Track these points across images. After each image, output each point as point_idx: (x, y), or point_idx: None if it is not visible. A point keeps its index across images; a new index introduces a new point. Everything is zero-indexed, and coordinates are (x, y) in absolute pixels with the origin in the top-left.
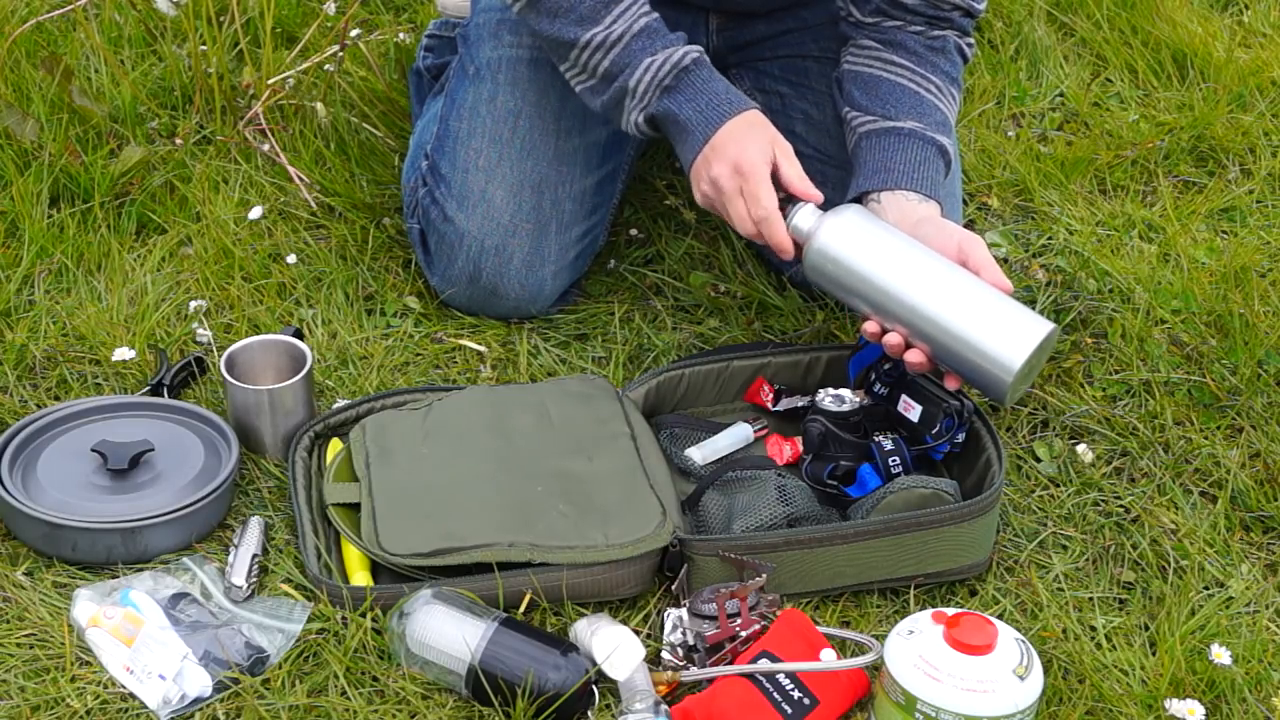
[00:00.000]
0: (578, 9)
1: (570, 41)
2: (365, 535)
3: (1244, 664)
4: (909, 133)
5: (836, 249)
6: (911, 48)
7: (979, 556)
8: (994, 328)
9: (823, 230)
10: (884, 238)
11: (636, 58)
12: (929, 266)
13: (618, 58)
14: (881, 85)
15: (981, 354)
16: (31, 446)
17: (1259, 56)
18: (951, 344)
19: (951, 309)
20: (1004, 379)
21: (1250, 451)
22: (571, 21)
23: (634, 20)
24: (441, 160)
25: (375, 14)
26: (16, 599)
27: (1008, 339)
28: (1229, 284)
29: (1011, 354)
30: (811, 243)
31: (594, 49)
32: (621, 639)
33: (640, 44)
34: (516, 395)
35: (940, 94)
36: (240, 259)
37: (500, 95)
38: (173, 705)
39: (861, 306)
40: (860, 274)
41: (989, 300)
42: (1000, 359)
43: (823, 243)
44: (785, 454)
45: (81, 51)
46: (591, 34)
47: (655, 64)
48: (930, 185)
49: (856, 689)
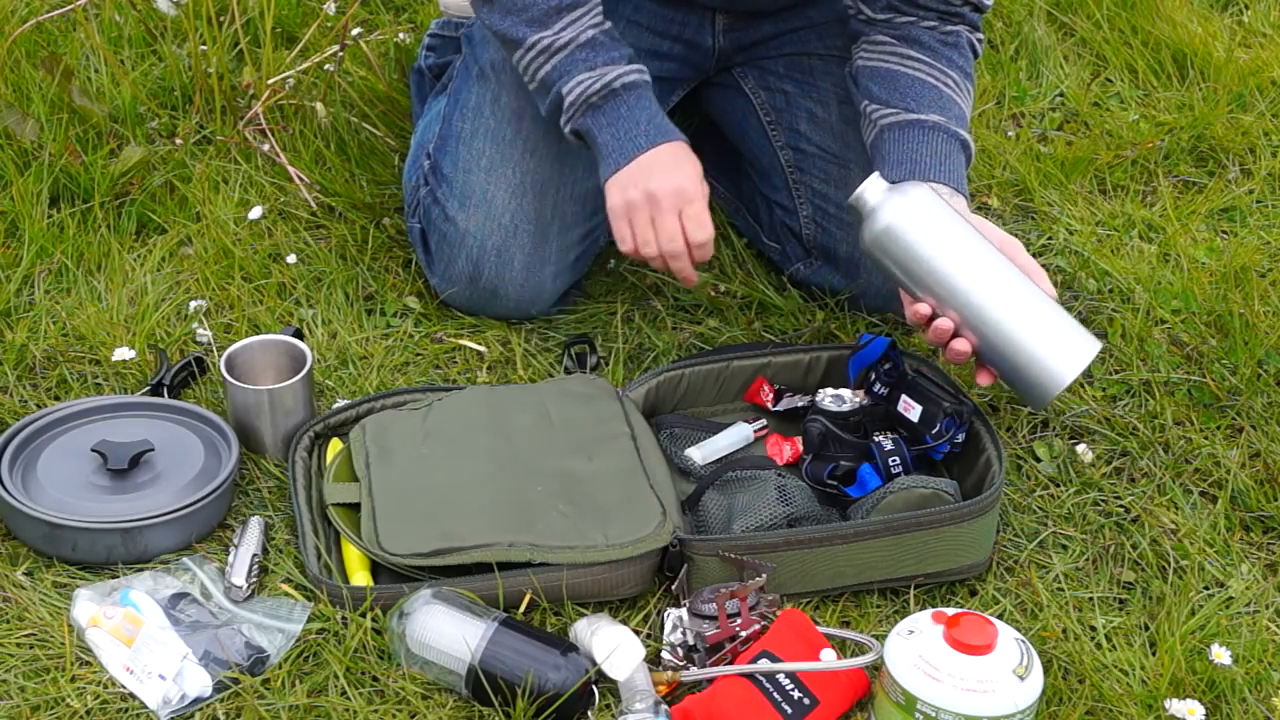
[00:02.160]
0: (530, 10)
1: (518, 41)
2: (365, 535)
3: (1244, 664)
4: (933, 125)
5: (907, 228)
6: (926, 43)
7: (979, 556)
8: (1053, 340)
9: (892, 207)
10: (955, 223)
11: (575, 69)
12: (997, 263)
13: (558, 64)
14: (900, 79)
15: (1036, 363)
16: (31, 446)
17: (1259, 56)
18: (1007, 346)
19: (1016, 312)
20: (1052, 390)
21: (1250, 451)
22: (523, 21)
23: (582, 30)
24: (444, 160)
25: (375, 14)
26: (16, 599)
27: (1064, 353)
28: (1229, 284)
29: (1065, 368)
30: (877, 218)
31: (538, 52)
32: (621, 639)
33: (583, 55)
34: (516, 395)
35: (958, 89)
36: (240, 259)
37: (504, 95)
38: (173, 705)
39: (917, 289)
40: (928, 257)
41: (1050, 311)
42: (1054, 371)
43: (891, 220)
44: (785, 454)
45: (81, 51)
46: (539, 37)
47: (588, 80)
48: (957, 179)
49: (856, 689)
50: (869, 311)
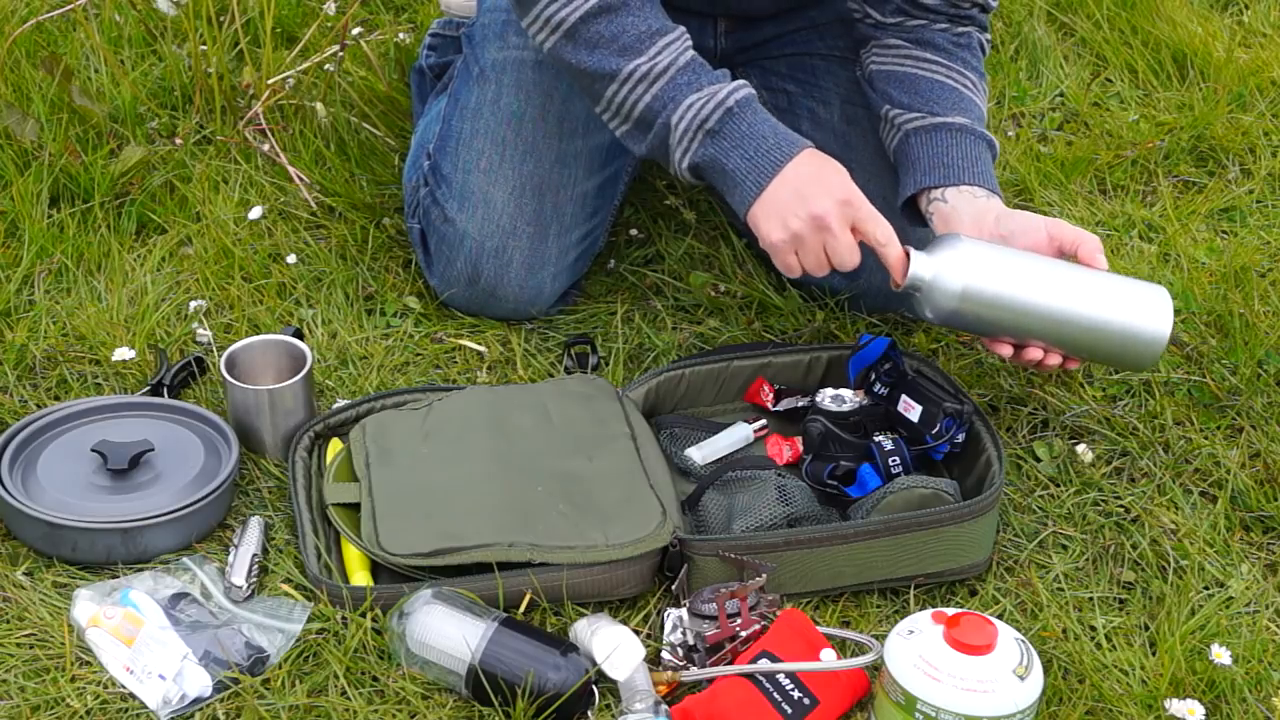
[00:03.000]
0: (620, 38)
1: (611, 74)
2: (365, 535)
3: (1244, 664)
4: (960, 128)
5: (977, 288)
6: (940, 45)
7: (979, 556)
8: (1136, 311)
9: (957, 273)
10: (1011, 261)
11: (681, 93)
12: (1058, 280)
13: (660, 91)
14: (920, 83)
15: (1134, 337)
16: (31, 446)
17: (1259, 56)
18: (1100, 340)
19: (1097, 310)
20: (1157, 350)
21: (1250, 451)
22: (613, 52)
23: (679, 53)
24: (443, 160)
25: (375, 14)
26: (16, 599)
27: (1151, 315)
28: (1229, 284)
29: (1160, 326)
30: (946, 288)
31: (636, 81)
32: (621, 639)
33: (685, 78)
34: (516, 395)
35: (975, 89)
36: (240, 259)
37: (504, 97)
38: (173, 705)
39: (997, 333)
40: (1001, 305)
41: (1119, 288)
42: (1155, 335)
43: (960, 284)
44: (785, 454)
45: (81, 51)
46: (635, 65)
47: (698, 102)
48: (989, 180)
49: (856, 689)
50: (869, 311)
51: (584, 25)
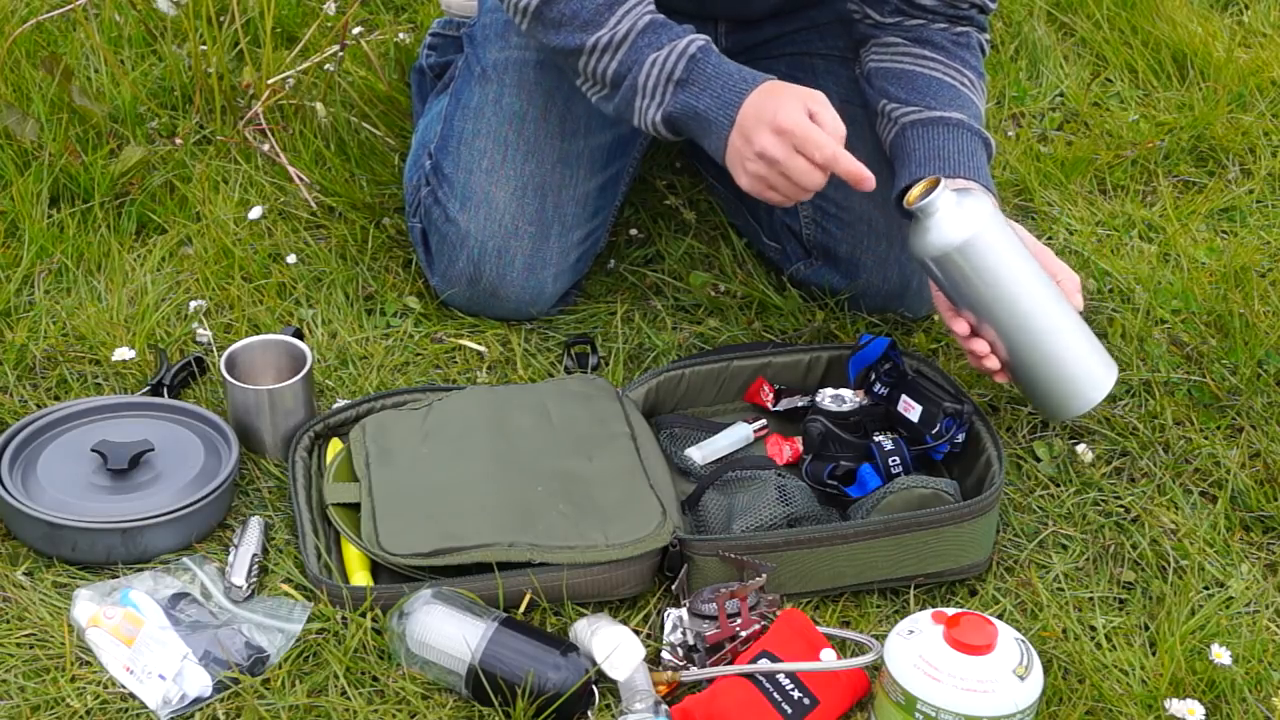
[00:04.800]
0: (580, 15)
1: (577, 48)
2: (365, 535)
3: (1244, 664)
4: (957, 123)
5: (979, 248)
6: (939, 43)
7: (979, 556)
8: (1089, 363)
9: (967, 222)
10: (1016, 247)
11: (643, 54)
12: (1044, 292)
13: (625, 57)
14: (918, 79)
15: (1072, 380)
16: (31, 446)
17: (1259, 56)
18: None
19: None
20: (1075, 411)
21: (1250, 451)
22: (576, 28)
23: (638, 18)
24: (445, 160)
25: (375, 14)
26: (16, 599)
27: (1090, 381)
28: (1229, 284)
29: (1089, 395)
30: (948, 230)
31: (600, 51)
32: (621, 639)
33: (646, 39)
34: (517, 395)
35: (973, 87)
36: (240, 259)
37: (506, 97)
38: (173, 705)
39: (961, 303)
40: (991, 282)
41: (1087, 335)
42: (1081, 396)
43: (968, 237)
44: (785, 454)
45: (81, 51)
46: (596, 37)
47: (661, 58)
48: (984, 176)
49: (856, 689)
50: (869, 311)
51: (546, 7)
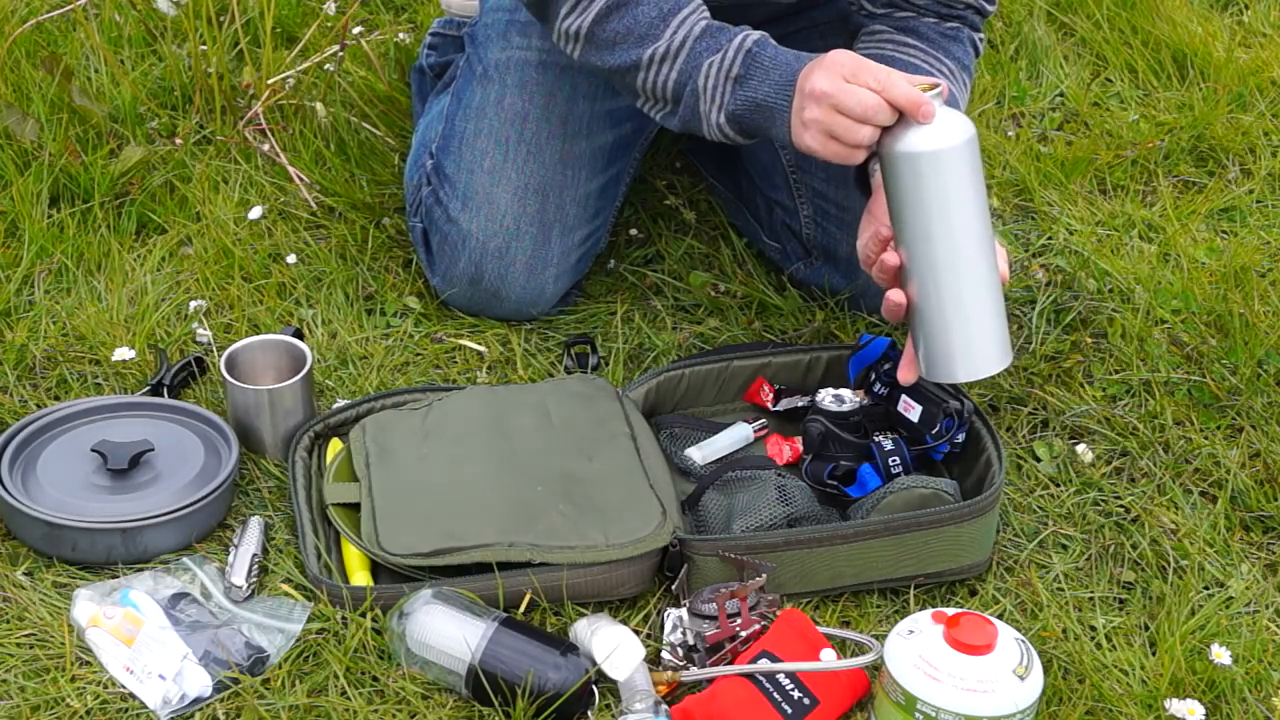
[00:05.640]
0: (635, 29)
1: (634, 64)
2: (365, 535)
3: (1244, 664)
4: None
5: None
6: (924, 34)
7: (979, 556)
8: (987, 337)
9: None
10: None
11: (700, 59)
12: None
13: (684, 64)
14: (894, 65)
15: (964, 345)
16: (31, 446)
17: (1259, 56)
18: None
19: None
20: (956, 374)
21: (1250, 451)
22: (631, 44)
23: (693, 25)
24: (446, 160)
25: (375, 14)
26: (16, 599)
27: (986, 352)
28: (1229, 284)
29: (979, 364)
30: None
31: (659, 63)
32: (621, 639)
33: (703, 44)
34: (517, 395)
35: (950, 76)
36: (240, 259)
37: (508, 97)
38: (173, 705)
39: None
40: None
41: (999, 310)
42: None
43: (938, 147)
44: (785, 454)
45: (81, 51)
46: (653, 50)
47: (718, 60)
48: None
49: (856, 689)
50: (869, 311)
51: (599, 28)
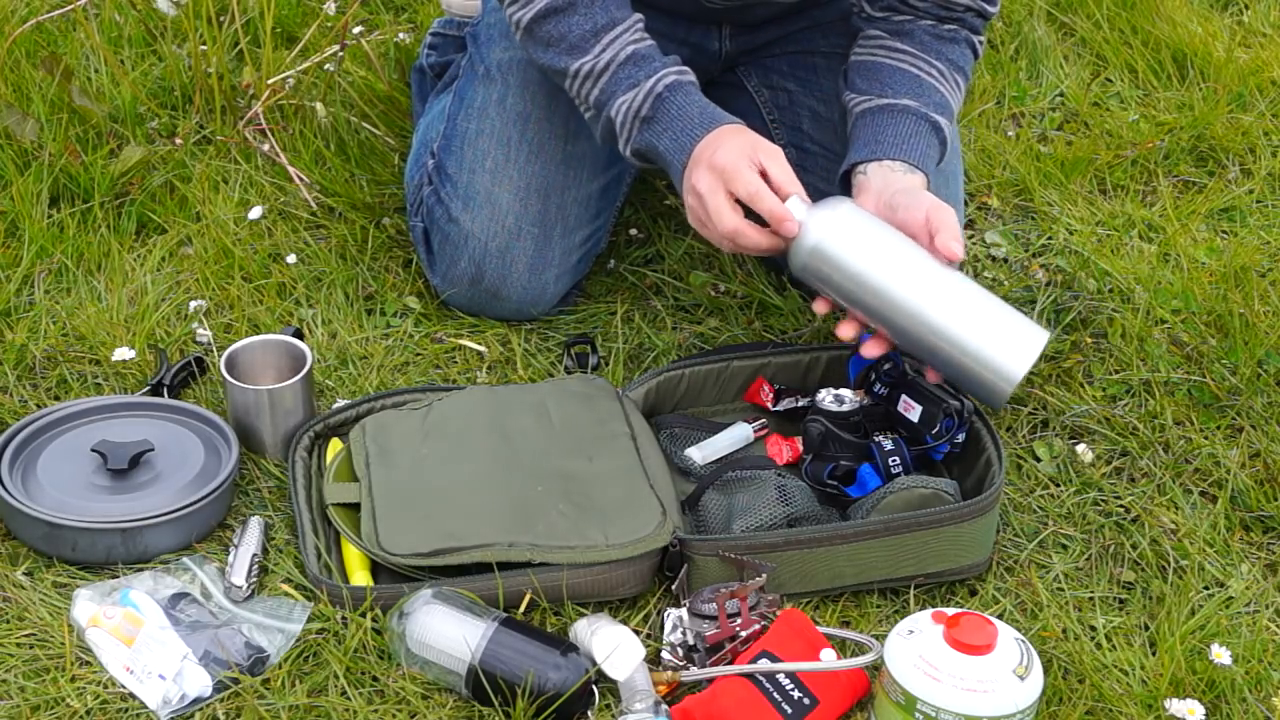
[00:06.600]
0: (568, 38)
1: (563, 71)
2: (365, 535)
3: (1244, 664)
4: (903, 108)
5: (826, 246)
6: (919, 37)
7: (979, 556)
8: (997, 338)
9: (812, 225)
10: (878, 235)
11: (618, 89)
12: (919, 267)
13: (604, 87)
14: (883, 70)
15: (984, 364)
16: (31, 446)
17: (1259, 56)
18: (950, 352)
19: (952, 318)
20: (1005, 389)
21: (1250, 451)
22: (563, 50)
23: (622, 48)
24: (448, 160)
25: (375, 14)
26: (16, 599)
27: (1010, 350)
28: (1229, 284)
29: (1014, 364)
30: (800, 239)
31: (583, 79)
32: (621, 639)
33: (625, 72)
34: (517, 395)
35: (942, 78)
36: (240, 259)
37: (510, 97)
38: (173, 705)
39: (850, 305)
40: (847, 273)
41: (988, 307)
42: (1003, 370)
43: (813, 239)
44: (785, 454)
45: (81, 51)
46: (580, 63)
47: (630, 98)
48: (920, 157)
49: (856, 689)
50: None
51: (537, 25)
